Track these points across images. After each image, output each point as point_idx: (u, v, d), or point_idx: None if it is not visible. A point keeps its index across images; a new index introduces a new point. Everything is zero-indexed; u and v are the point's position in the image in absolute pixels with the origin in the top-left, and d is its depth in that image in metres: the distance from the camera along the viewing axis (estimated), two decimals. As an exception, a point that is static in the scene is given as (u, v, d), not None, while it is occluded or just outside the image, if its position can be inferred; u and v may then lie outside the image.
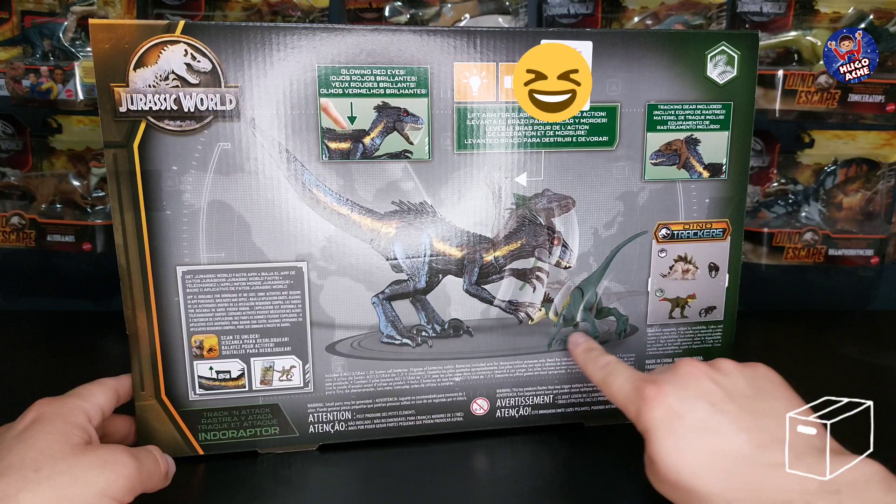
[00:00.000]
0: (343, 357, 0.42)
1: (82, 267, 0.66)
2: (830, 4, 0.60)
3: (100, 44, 0.36)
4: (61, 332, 0.63)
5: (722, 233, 0.45)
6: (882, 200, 0.65)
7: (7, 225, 0.60)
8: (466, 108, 0.40)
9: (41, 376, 0.54)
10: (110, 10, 0.58)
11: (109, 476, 0.31)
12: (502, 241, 0.42)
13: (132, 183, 0.38)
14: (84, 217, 0.61)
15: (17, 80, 0.56)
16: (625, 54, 0.41)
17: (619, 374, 0.37)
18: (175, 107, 0.37)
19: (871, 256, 0.64)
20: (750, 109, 0.44)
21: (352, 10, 0.60)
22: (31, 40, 0.59)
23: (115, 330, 0.62)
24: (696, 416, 0.32)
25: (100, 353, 0.59)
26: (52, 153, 0.63)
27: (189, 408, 0.40)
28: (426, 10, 0.59)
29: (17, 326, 0.65)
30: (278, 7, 0.58)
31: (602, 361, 0.39)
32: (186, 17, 0.58)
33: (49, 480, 0.30)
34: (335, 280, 0.41)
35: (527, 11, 0.60)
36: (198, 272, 0.39)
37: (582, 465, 0.42)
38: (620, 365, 0.38)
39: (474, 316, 0.43)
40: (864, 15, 0.60)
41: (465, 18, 0.60)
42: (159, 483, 0.35)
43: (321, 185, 0.40)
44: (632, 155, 0.43)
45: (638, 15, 0.60)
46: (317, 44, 0.38)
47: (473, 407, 0.44)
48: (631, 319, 0.45)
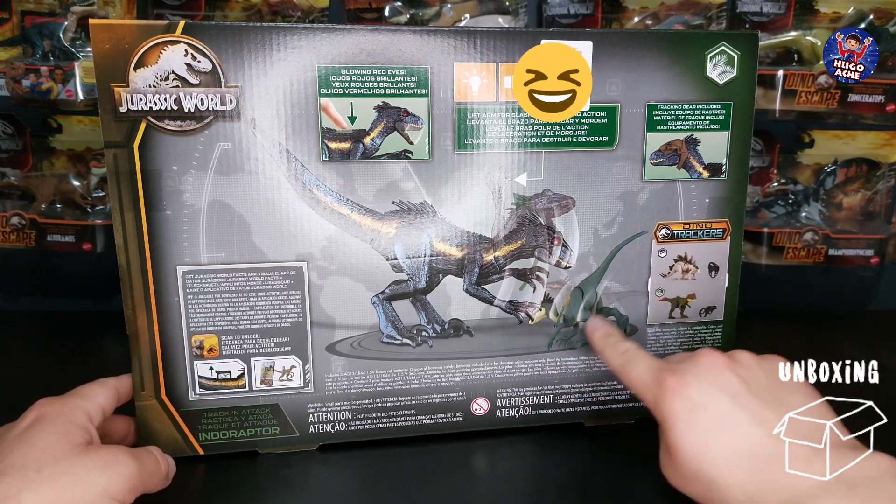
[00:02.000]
0: (343, 357, 0.42)
1: (82, 267, 0.66)
2: (830, 4, 0.60)
3: (100, 44, 0.36)
4: (61, 332, 0.63)
5: (722, 233, 0.45)
6: (882, 200, 0.65)
7: (7, 225, 0.60)
8: (466, 108, 0.40)
9: (41, 376, 0.54)
10: (110, 10, 0.58)
11: (111, 476, 0.31)
12: (502, 241, 0.42)
13: (132, 183, 0.38)
14: (84, 217, 0.61)
15: (17, 80, 0.56)
16: (625, 54, 0.41)
17: (638, 362, 0.37)
18: (175, 107, 0.37)
19: (871, 256, 0.64)
20: (750, 109, 0.44)
21: (352, 10, 0.60)
22: (31, 40, 0.58)
23: (115, 330, 0.62)
24: (719, 407, 0.32)
25: (100, 353, 0.59)
26: (52, 153, 0.63)
27: (189, 408, 0.40)
28: (426, 10, 0.59)
29: (17, 326, 0.65)
30: (278, 7, 0.58)
31: (622, 347, 0.38)
32: (186, 17, 0.58)
33: (51, 480, 0.30)
34: (335, 280, 0.41)
35: (527, 11, 0.60)
36: (198, 272, 0.39)
37: (582, 464, 0.42)
38: (640, 352, 0.38)
39: (474, 316, 0.43)
40: (864, 15, 0.60)
41: (465, 18, 0.60)
42: (160, 483, 0.35)
43: (321, 185, 0.40)
44: (632, 155, 0.43)
45: (638, 15, 0.60)
46: (317, 44, 0.38)
47: (473, 407, 0.44)
48: (631, 319, 0.45)
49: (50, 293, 0.67)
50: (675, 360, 0.36)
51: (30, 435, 0.32)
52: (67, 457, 0.31)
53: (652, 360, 0.36)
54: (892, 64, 0.60)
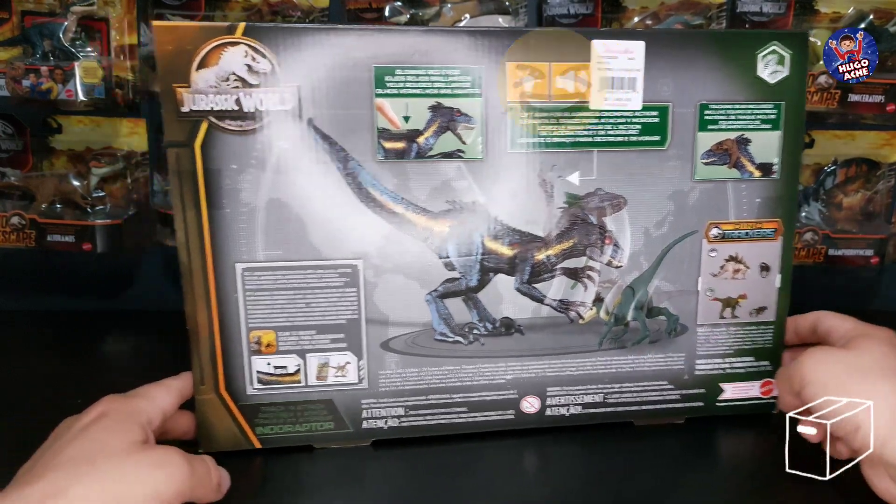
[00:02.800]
0: (397, 354, 0.42)
1: (82, 267, 0.65)
2: (830, 4, 0.60)
3: (163, 45, 0.37)
4: (61, 332, 0.63)
5: (773, 233, 0.45)
6: (882, 200, 0.65)
7: (7, 225, 0.59)
8: (519, 108, 0.40)
9: (41, 376, 0.53)
10: (110, 11, 0.57)
11: (160, 477, 0.32)
12: (554, 239, 0.43)
13: (194, 182, 0.38)
14: (84, 217, 0.60)
15: (17, 80, 0.55)
16: (676, 55, 0.41)
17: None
18: (236, 107, 0.38)
19: (871, 256, 0.63)
20: (801, 109, 0.44)
21: (352, 10, 0.59)
22: (31, 40, 0.57)
23: (116, 330, 0.63)
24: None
25: (100, 354, 0.59)
26: (52, 153, 0.63)
27: (247, 402, 0.41)
28: (426, 10, 0.59)
29: (17, 326, 0.64)
30: (278, 7, 0.58)
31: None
32: (186, 17, 0.58)
33: (101, 476, 0.30)
34: (389, 278, 0.41)
35: (527, 11, 0.60)
36: (256, 269, 0.40)
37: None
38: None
39: (525, 314, 0.43)
40: (864, 15, 0.60)
41: (465, 18, 0.59)
42: (210, 494, 0.35)
43: (377, 184, 0.40)
44: (683, 154, 0.43)
45: (638, 15, 0.60)
46: (373, 44, 0.39)
47: (524, 405, 0.44)
48: (681, 319, 0.45)
49: (50, 293, 0.67)
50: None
51: (90, 430, 0.33)
52: (121, 454, 0.32)
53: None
54: (893, 64, 0.60)
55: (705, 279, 0.44)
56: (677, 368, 0.45)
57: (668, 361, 0.45)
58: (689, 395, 0.46)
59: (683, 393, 0.46)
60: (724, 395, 0.46)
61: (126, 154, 0.62)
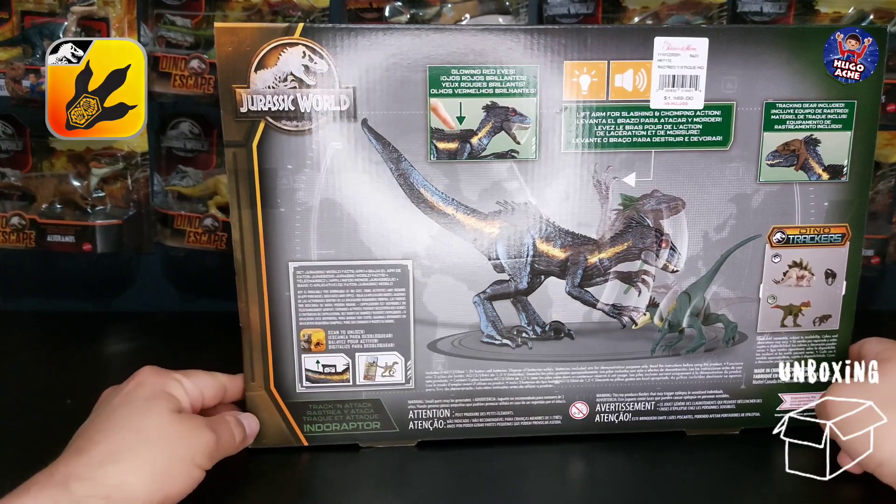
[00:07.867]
0: (444, 355, 0.42)
1: (82, 267, 0.64)
2: (830, 4, 0.58)
3: (223, 46, 0.38)
4: (61, 332, 0.62)
5: (841, 238, 0.42)
6: (882, 200, 0.62)
7: (7, 225, 0.59)
8: (575, 107, 0.40)
9: (41, 376, 0.54)
10: (110, 10, 0.56)
11: (194, 444, 0.35)
12: (608, 242, 0.42)
13: (250, 181, 0.39)
14: (84, 217, 0.60)
15: (17, 80, 0.55)
16: (741, 51, 0.40)
17: None
18: (292, 107, 0.38)
19: (871, 256, 0.61)
20: (875, 109, 0.41)
21: (352, 10, 0.58)
22: (31, 40, 0.57)
23: (116, 330, 0.62)
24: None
25: (100, 354, 0.59)
26: (52, 154, 0.62)
27: (296, 399, 0.42)
28: (426, 9, 0.59)
29: (17, 326, 0.63)
30: (279, 7, 0.57)
31: None
32: (186, 17, 0.58)
33: (148, 443, 0.33)
34: (438, 278, 0.41)
35: (527, 11, 0.59)
36: (308, 268, 0.40)
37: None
38: None
39: (576, 319, 0.42)
40: (864, 15, 0.58)
41: (466, 18, 0.59)
42: (236, 449, 0.39)
43: (428, 184, 0.40)
44: (746, 155, 0.41)
45: (638, 15, 0.59)
46: (427, 44, 0.38)
47: (572, 410, 0.44)
48: (740, 327, 0.43)
49: (50, 293, 0.66)
50: None
51: (131, 398, 0.36)
52: (162, 423, 0.35)
53: None
54: (893, 64, 0.57)
55: (767, 286, 0.43)
56: (734, 377, 0.44)
57: (724, 370, 0.44)
58: (746, 406, 0.44)
59: (739, 402, 0.44)
60: (783, 406, 0.44)
61: (126, 154, 0.60)
